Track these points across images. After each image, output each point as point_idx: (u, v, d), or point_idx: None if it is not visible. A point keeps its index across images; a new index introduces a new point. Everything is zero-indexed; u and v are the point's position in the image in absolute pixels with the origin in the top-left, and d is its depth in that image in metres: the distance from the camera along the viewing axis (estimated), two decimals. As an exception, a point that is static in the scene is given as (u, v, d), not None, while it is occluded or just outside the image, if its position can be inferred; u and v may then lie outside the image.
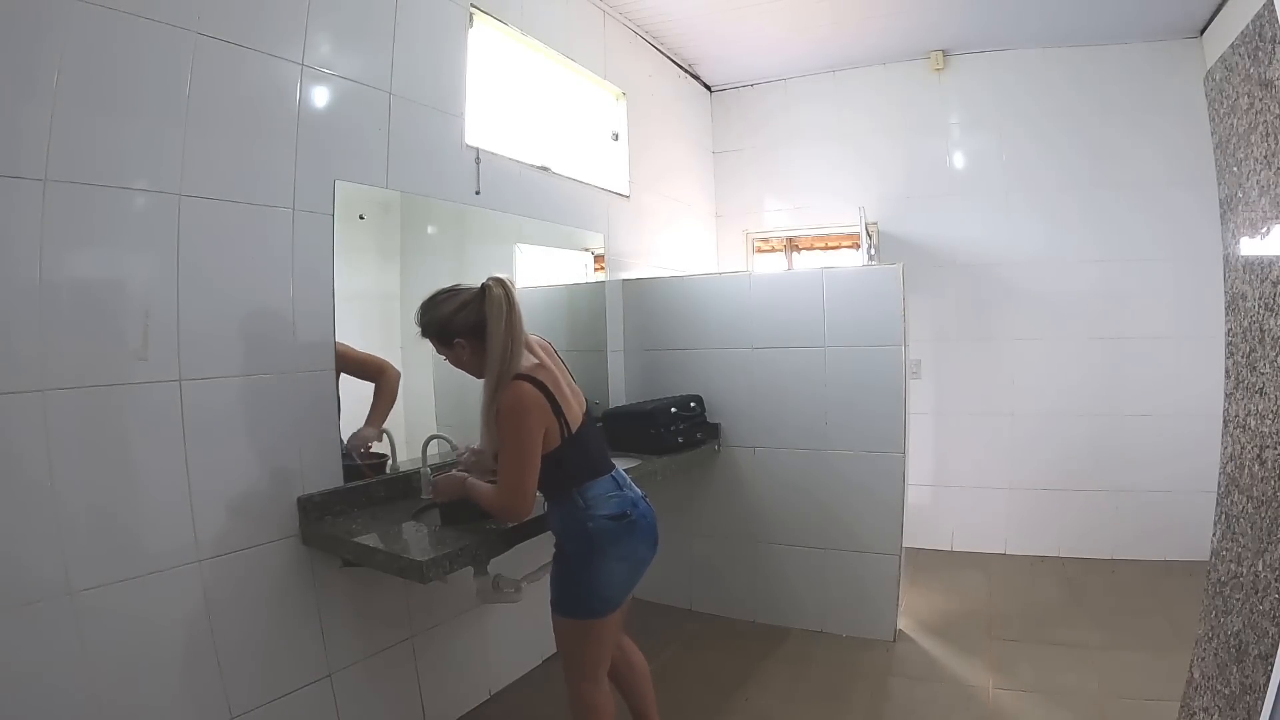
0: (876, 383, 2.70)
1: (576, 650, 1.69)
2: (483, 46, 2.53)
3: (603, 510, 1.63)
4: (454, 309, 1.61)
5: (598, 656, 1.69)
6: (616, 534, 1.63)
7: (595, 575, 1.62)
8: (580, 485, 1.64)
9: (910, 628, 2.87)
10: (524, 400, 1.53)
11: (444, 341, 1.64)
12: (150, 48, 1.50)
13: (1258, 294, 1.14)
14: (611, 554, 1.63)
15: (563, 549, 1.69)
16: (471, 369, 1.66)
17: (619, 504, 1.66)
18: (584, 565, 1.63)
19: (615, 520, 1.63)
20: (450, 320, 1.61)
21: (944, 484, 3.87)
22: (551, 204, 2.85)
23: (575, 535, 1.64)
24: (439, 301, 1.65)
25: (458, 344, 1.62)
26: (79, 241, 1.41)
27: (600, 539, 1.61)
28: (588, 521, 1.62)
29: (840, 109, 4.09)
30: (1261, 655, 1.06)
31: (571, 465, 1.63)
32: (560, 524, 1.68)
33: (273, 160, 1.76)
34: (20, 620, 1.31)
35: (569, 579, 1.66)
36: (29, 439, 1.33)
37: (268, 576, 1.74)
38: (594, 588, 1.63)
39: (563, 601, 1.67)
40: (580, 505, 1.63)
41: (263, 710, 1.71)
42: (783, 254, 4.59)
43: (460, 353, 1.63)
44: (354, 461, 1.98)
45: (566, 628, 1.68)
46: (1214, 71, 1.28)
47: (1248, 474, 1.15)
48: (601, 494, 1.65)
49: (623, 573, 1.66)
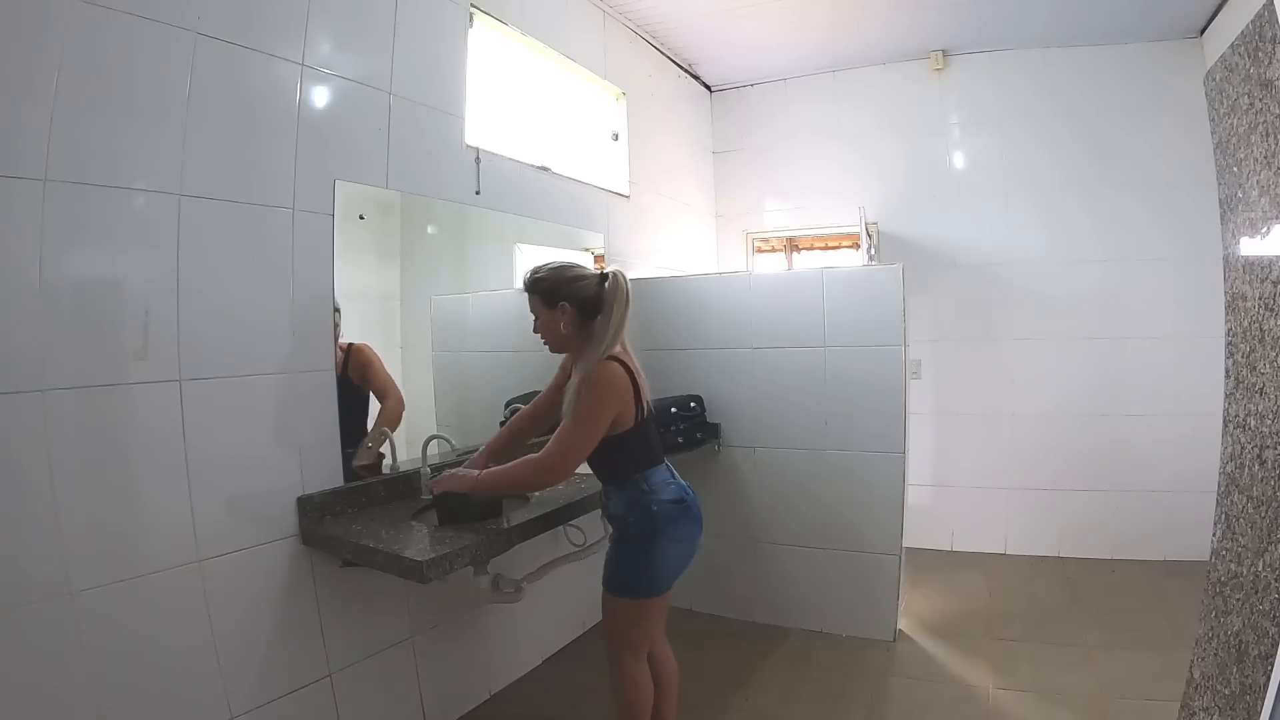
0: (876, 383, 2.70)
1: (626, 628, 1.78)
2: (482, 46, 2.53)
3: (665, 495, 1.74)
4: (574, 277, 1.73)
5: (645, 634, 1.80)
6: (677, 516, 1.74)
7: (655, 556, 1.72)
8: (643, 471, 1.74)
9: (910, 628, 2.87)
10: (614, 379, 1.64)
11: (550, 301, 1.72)
12: (150, 48, 1.50)
13: (1258, 294, 1.14)
14: (671, 535, 1.73)
15: (625, 532, 1.76)
16: (555, 335, 1.75)
17: (676, 490, 1.77)
18: (647, 546, 1.72)
19: (676, 504, 1.75)
20: (568, 285, 1.71)
21: (944, 484, 3.86)
22: (551, 204, 2.85)
23: (640, 517, 1.72)
24: (561, 267, 1.75)
25: (562, 307, 1.71)
26: (79, 241, 1.41)
27: (663, 521, 1.72)
28: (652, 505, 1.72)
29: (840, 109, 4.08)
30: (1261, 655, 1.06)
31: (637, 450, 1.74)
32: (625, 507, 1.76)
33: (273, 160, 1.76)
34: (20, 620, 1.31)
35: (629, 559, 1.75)
36: (29, 439, 1.33)
37: (268, 576, 1.74)
38: (652, 568, 1.73)
39: (621, 581, 1.75)
40: (645, 489, 1.73)
41: (263, 710, 1.71)
42: (783, 254, 4.59)
43: (560, 315, 1.71)
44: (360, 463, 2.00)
45: (621, 607, 1.76)
46: (1214, 71, 1.28)
47: (1248, 474, 1.15)
48: (661, 481, 1.76)
49: (678, 554, 1.76)
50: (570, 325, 1.71)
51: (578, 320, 1.71)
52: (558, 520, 2.00)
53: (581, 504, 2.09)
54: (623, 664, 1.78)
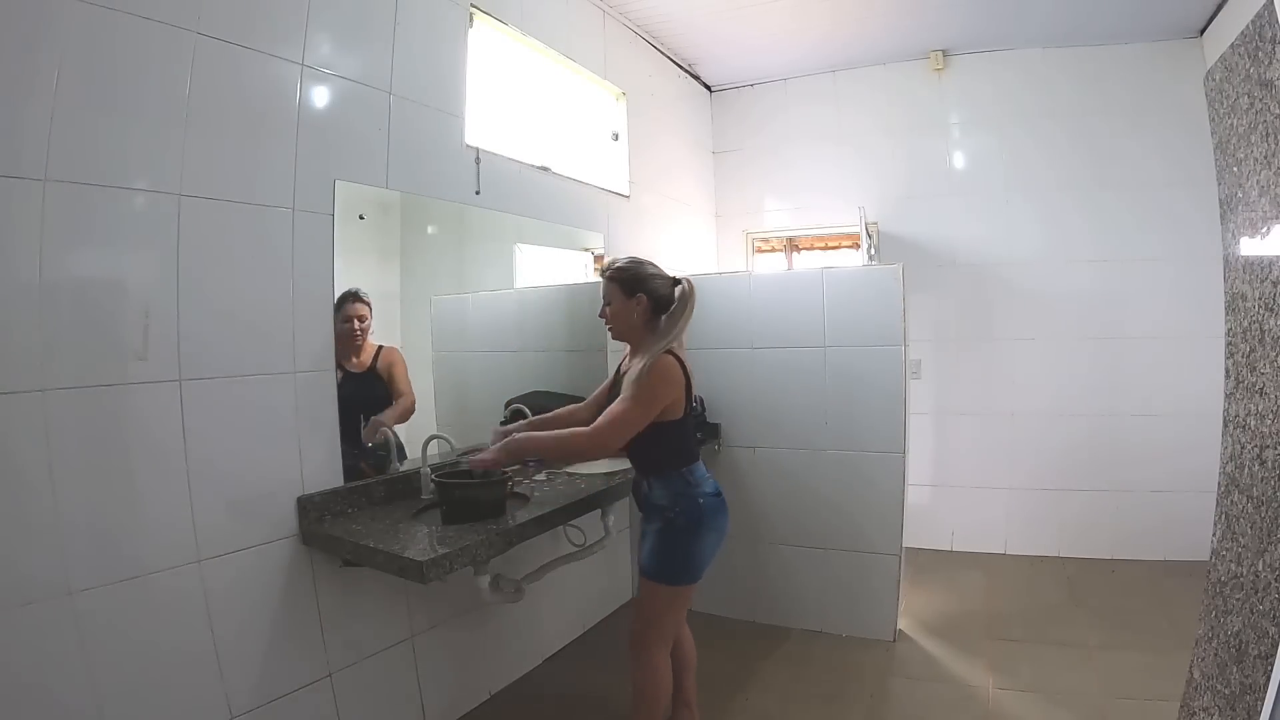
0: (876, 382, 2.70)
1: (662, 614, 1.88)
2: (482, 46, 2.53)
3: (707, 489, 1.89)
4: (653, 274, 1.90)
5: (676, 622, 1.92)
6: (717, 508, 1.89)
7: (697, 544, 1.85)
8: (688, 465, 1.89)
9: (910, 628, 2.87)
10: (672, 369, 1.80)
11: (629, 290, 1.87)
12: (150, 47, 1.50)
13: (1258, 294, 1.14)
14: (712, 525, 1.87)
15: (671, 522, 1.85)
16: (624, 322, 1.90)
17: (714, 485, 1.92)
18: (692, 535, 1.84)
19: (716, 497, 1.90)
20: (648, 279, 1.88)
21: (944, 484, 3.87)
22: (551, 204, 2.85)
23: (688, 509, 1.85)
24: (642, 263, 1.92)
25: (639, 298, 1.87)
26: (79, 241, 1.41)
27: (708, 512, 1.86)
28: (699, 497, 1.86)
29: (840, 109, 4.09)
30: (1261, 655, 1.06)
31: (682, 442, 1.89)
32: (671, 498, 1.86)
33: (273, 160, 1.76)
34: (20, 620, 1.31)
35: (675, 548, 1.85)
36: (29, 439, 1.33)
37: (268, 576, 1.73)
38: (695, 556, 1.85)
39: (665, 569, 1.85)
40: (690, 482, 1.87)
41: (263, 710, 1.70)
42: (783, 254, 4.59)
43: (635, 305, 1.87)
44: (361, 451, 2.04)
45: (660, 594, 1.86)
46: (1214, 71, 1.28)
47: (1248, 474, 1.15)
48: (702, 475, 1.90)
49: (714, 544, 1.89)
50: (642, 316, 1.87)
51: (649, 313, 1.87)
52: (558, 520, 2.00)
53: (582, 504, 2.09)
54: (652, 653, 1.87)
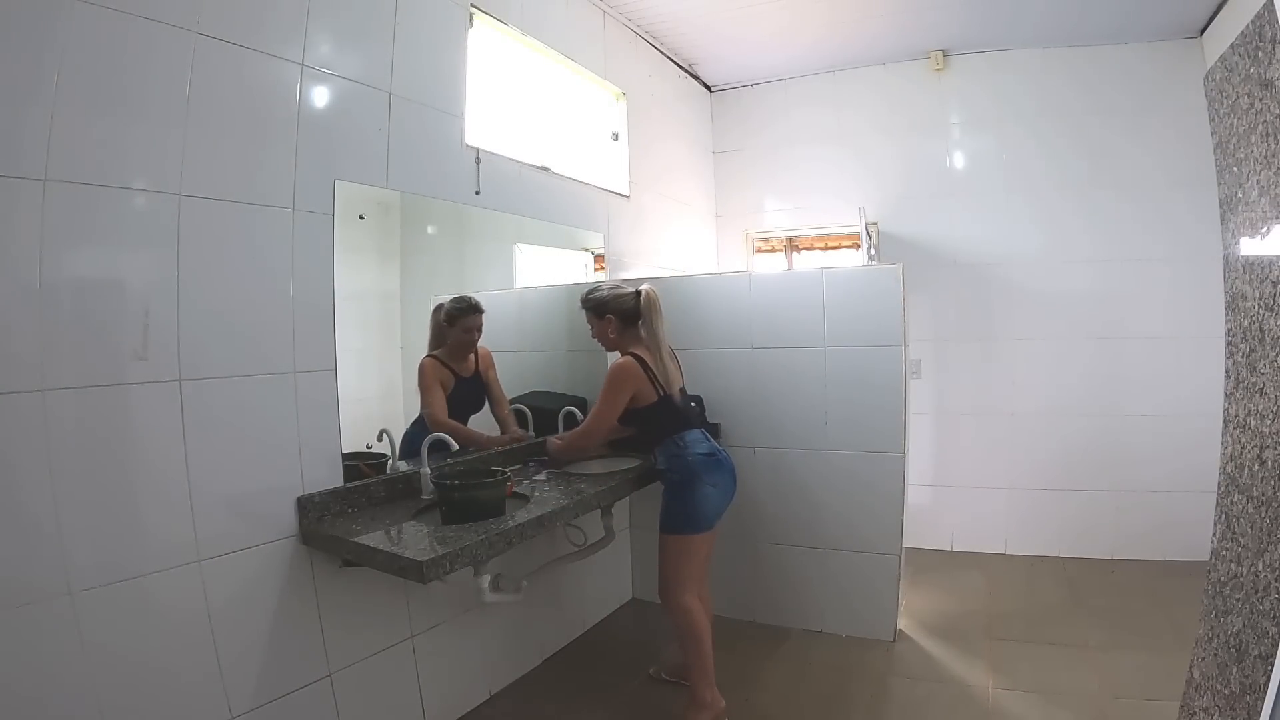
0: (876, 382, 2.70)
1: (677, 565, 2.17)
2: (483, 47, 2.53)
3: (698, 450, 2.21)
4: (615, 295, 2.26)
5: (693, 571, 2.19)
6: (709, 465, 2.20)
7: (694, 496, 2.16)
8: (679, 432, 2.22)
9: (910, 628, 2.87)
10: (625, 370, 2.17)
11: (598, 313, 2.27)
12: (150, 48, 1.50)
13: (1258, 294, 1.14)
14: (706, 480, 2.18)
15: (670, 479, 2.22)
16: (605, 339, 2.30)
17: (708, 447, 2.24)
18: (688, 489, 2.17)
19: (707, 457, 2.21)
20: (608, 301, 2.25)
21: (944, 484, 3.87)
22: (551, 204, 2.85)
23: (680, 467, 2.19)
24: (602, 288, 2.31)
25: (608, 319, 2.25)
26: (79, 241, 1.41)
27: (698, 468, 2.18)
28: (687, 456, 2.19)
29: (840, 109, 4.09)
30: (1261, 655, 1.06)
31: (666, 418, 2.22)
32: (668, 460, 2.22)
33: (273, 160, 1.76)
34: (20, 620, 1.31)
35: (675, 502, 2.19)
36: (29, 439, 1.33)
37: (267, 576, 1.73)
38: (694, 506, 2.17)
39: (670, 520, 2.19)
40: (681, 446, 2.20)
41: (263, 710, 1.70)
42: (783, 254, 4.59)
43: (606, 325, 2.26)
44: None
45: (672, 545, 2.18)
46: (1214, 72, 1.28)
47: (1248, 474, 1.15)
48: (694, 440, 2.22)
49: (715, 497, 2.20)
50: (615, 331, 2.25)
51: (620, 327, 2.24)
52: (557, 520, 2.00)
53: (581, 504, 2.09)
54: (679, 597, 2.14)
